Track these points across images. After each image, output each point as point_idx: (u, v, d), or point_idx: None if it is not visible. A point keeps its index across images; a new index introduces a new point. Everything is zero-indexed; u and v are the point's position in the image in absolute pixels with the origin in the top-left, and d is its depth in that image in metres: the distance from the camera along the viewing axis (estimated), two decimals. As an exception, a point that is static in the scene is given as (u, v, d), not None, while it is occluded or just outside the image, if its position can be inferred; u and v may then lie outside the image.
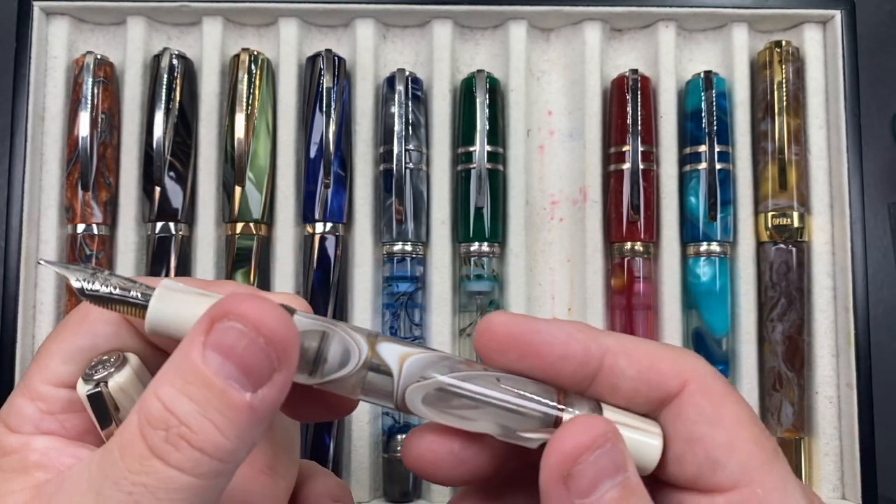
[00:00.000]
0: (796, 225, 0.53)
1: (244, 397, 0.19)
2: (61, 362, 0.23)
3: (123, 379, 0.22)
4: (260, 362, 0.19)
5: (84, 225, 0.51)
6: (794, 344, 0.52)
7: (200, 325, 0.19)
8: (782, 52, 0.54)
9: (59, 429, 0.23)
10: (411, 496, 0.52)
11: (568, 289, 0.55)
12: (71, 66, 0.54)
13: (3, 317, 0.50)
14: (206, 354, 0.19)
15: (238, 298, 0.19)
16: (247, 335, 0.19)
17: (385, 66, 0.56)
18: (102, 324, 0.23)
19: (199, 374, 0.19)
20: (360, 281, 0.52)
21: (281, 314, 0.19)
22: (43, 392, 0.23)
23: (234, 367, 0.19)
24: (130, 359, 0.23)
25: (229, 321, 0.19)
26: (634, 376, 0.23)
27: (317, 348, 0.21)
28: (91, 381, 0.22)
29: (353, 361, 0.22)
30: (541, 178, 0.56)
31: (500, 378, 0.23)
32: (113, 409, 0.22)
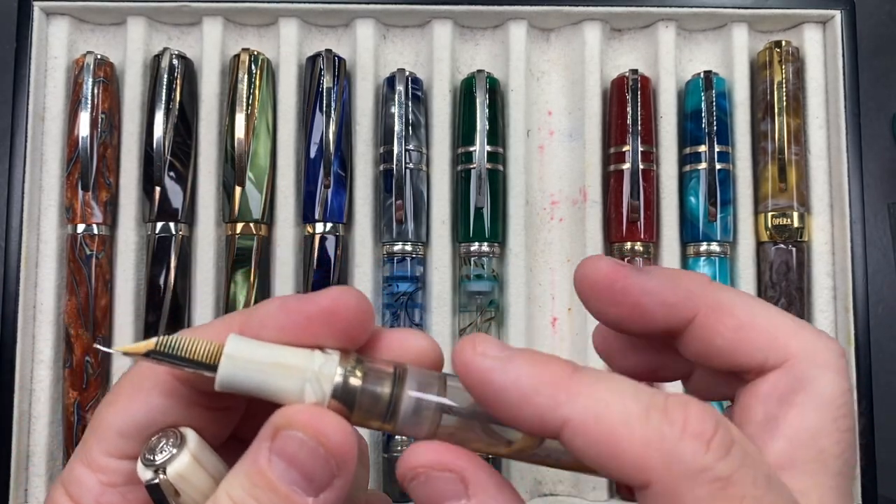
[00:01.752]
0: (796, 225, 0.53)
1: (306, 501, 0.20)
2: (118, 436, 0.23)
3: (182, 465, 0.22)
4: (320, 469, 0.20)
5: (84, 225, 0.51)
6: (794, 344, 0.52)
7: (266, 431, 0.21)
8: (782, 52, 0.54)
9: (119, 501, 0.23)
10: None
11: (568, 289, 0.55)
12: (71, 66, 0.54)
13: (3, 317, 0.50)
14: (272, 459, 0.20)
15: (299, 409, 0.21)
16: (307, 444, 0.20)
17: (385, 66, 0.56)
18: (157, 395, 0.23)
19: (265, 478, 0.20)
20: (360, 281, 0.52)
21: (341, 425, 0.21)
22: (103, 464, 0.23)
23: (297, 474, 0.20)
24: (188, 438, 0.23)
25: (292, 430, 0.20)
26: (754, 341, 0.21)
27: (385, 420, 0.22)
28: (151, 467, 0.22)
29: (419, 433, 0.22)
30: (541, 178, 0.56)
31: None
32: (172, 495, 0.22)
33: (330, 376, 0.21)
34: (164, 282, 0.51)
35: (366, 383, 0.21)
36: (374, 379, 0.21)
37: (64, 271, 0.52)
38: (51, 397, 0.51)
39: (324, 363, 0.21)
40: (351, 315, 0.22)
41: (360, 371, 0.21)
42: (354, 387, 0.21)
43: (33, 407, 0.51)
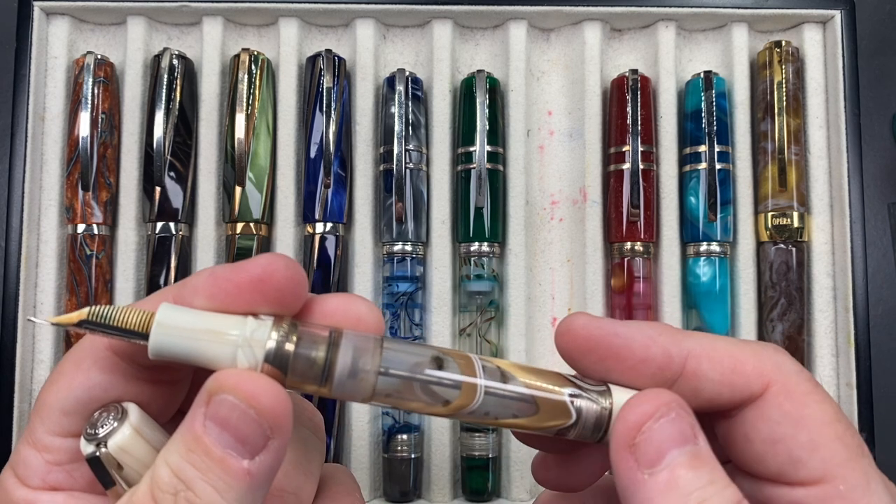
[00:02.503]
0: (796, 225, 0.53)
1: (242, 464, 0.20)
2: (62, 414, 0.23)
3: (123, 438, 0.22)
4: (254, 432, 0.20)
5: (84, 225, 0.51)
6: (794, 344, 0.52)
7: (201, 397, 0.21)
8: (782, 52, 0.54)
9: (66, 479, 0.23)
10: (411, 496, 0.52)
11: (568, 289, 0.55)
12: (71, 66, 0.54)
13: (3, 317, 0.50)
14: (206, 425, 0.21)
15: (230, 373, 0.21)
16: (239, 408, 0.20)
17: (385, 66, 0.56)
18: (97, 372, 0.23)
19: (200, 442, 0.21)
20: (360, 281, 0.52)
21: (272, 387, 0.21)
22: (48, 443, 0.23)
23: (230, 437, 0.20)
24: (130, 412, 0.23)
25: (224, 394, 0.20)
26: (717, 379, 0.23)
27: (320, 383, 0.22)
28: (92, 441, 0.22)
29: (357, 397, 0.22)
30: (541, 178, 0.56)
31: (504, 373, 0.23)
32: (115, 468, 0.22)
33: (262, 341, 0.21)
34: (164, 282, 0.51)
35: (299, 347, 0.21)
36: (308, 343, 0.22)
37: (64, 271, 0.52)
38: (51, 397, 0.51)
39: (256, 328, 0.21)
40: (281, 282, 0.22)
41: (294, 336, 0.22)
42: (287, 351, 0.21)
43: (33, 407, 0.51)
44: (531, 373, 0.23)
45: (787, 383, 0.23)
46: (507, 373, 0.23)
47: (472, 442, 0.52)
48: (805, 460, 0.22)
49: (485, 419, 0.23)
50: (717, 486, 0.21)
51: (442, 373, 0.22)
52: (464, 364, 0.23)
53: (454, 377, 0.22)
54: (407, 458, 0.51)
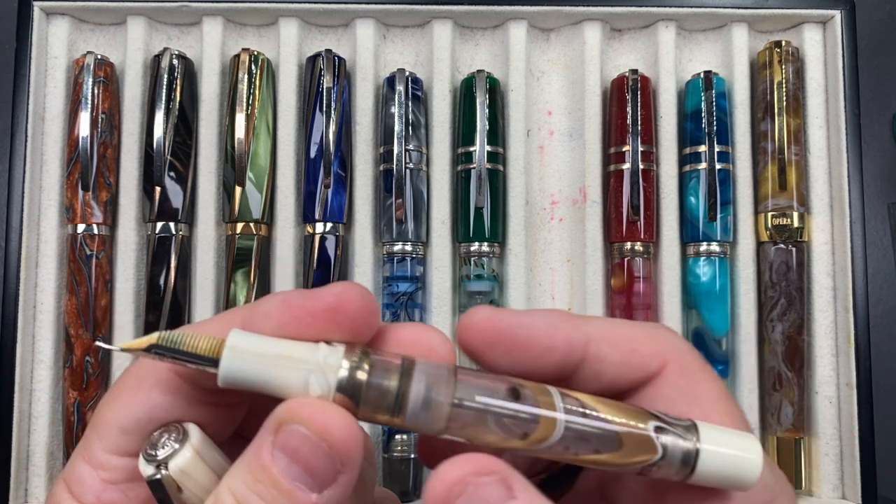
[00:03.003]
0: (796, 225, 0.53)
1: (310, 498, 0.20)
2: (120, 433, 0.23)
3: (184, 460, 0.22)
4: (324, 466, 0.20)
5: (84, 225, 0.51)
6: (794, 344, 0.52)
7: (269, 425, 0.20)
8: (782, 52, 0.54)
9: (121, 498, 0.23)
10: (411, 496, 0.52)
11: (568, 289, 0.55)
12: (71, 66, 0.54)
13: (3, 317, 0.50)
14: (275, 454, 0.20)
15: (304, 402, 0.20)
16: (311, 440, 0.20)
17: (385, 66, 0.56)
18: (159, 393, 0.23)
19: (267, 473, 0.20)
20: (360, 281, 0.52)
21: (345, 420, 0.20)
22: (104, 462, 0.23)
23: (300, 470, 0.20)
24: (191, 433, 0.22)
25: (295, 425, 0.20)
26: (617, 361, 0.23)
27: (392, 414, 0.21)
28: (153, 462, 0.22)
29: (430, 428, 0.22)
30: (541, 178, 0.56)
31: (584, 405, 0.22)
32: (175, 490, 0.22)
33: (335, 368, 0.21)
34: (164, 282, 0.51)
35: (372, 376, 0.21)
36: (381, 371, 0.21)
37: (64, 271, 0.52)
38: (51, 397, 0.51)
39: (328, 355, 0.21)
40: (355, 311, 0.22)
41: (366, 364, 0.21)
42: (360, 380, 0.21)
43: (33, 407, 0.51)
44: (613, 406, 0.22)
45: (682, 362, 0.24)
46: (588, 405, 0.22)
47: (472, 442, 0.52)
48: None
49: (565, 454, 0.22)
50: None
51: (519, 405, 0.21)
52: (542, 395, 0.22)
53: (532, 410, 0.21)
54: (406, 458, 0.51)
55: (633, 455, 0.22)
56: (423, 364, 0.22)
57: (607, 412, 0.22)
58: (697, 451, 0.22)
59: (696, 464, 0.22)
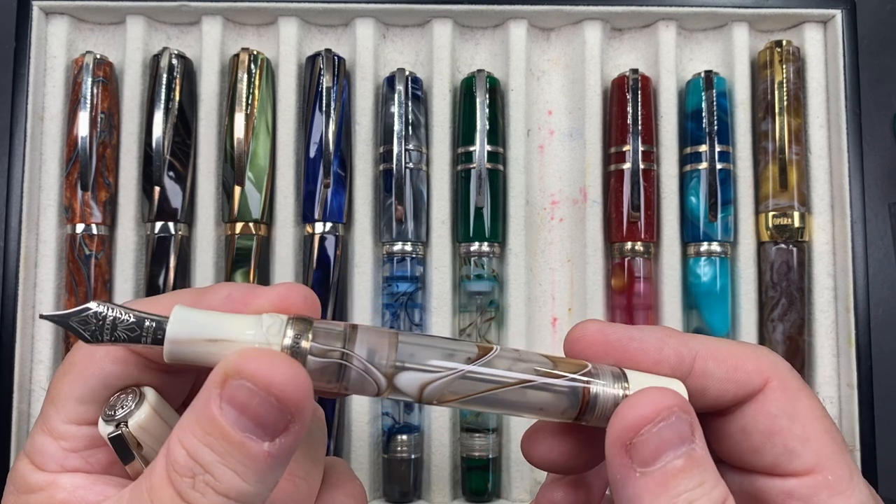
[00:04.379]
0: (797, 225, 0.53)
1: (262, 447, 0.20)
2: (78, 403, 0.23)
3: (143, 418, 0.22)
4: (274, 417, 0.20)
5: (83, 225, 0.51)
6: (795, 344, 0.52)
7: (215, 378, 0.20)
8: (783, 51, 0.54)
9: (83, 465, 0.23)
10: (411, 496, 0.51)
11: (568, 289, 0.55)
12: (70, 65, 0.54)
13: (3, 317, 0.50)
14: (223, 407, 0.20)
15: (248, 356, 0.20)
16: (258, 394, 0.20)
17: (385, 65, 0.56)
18: (110, 363, 0.23)
19: (217, 426, 0.20)
20: (360, 281, 0.52)
21: (292, 371, 0.20)
22: (64, 431, 0.23)
23: (249, 422, 0.20)
24: (147, 394, 0.23)
25: (240, 379, 0.20)
26: (722, 377, 0.25)
27: (335, 380, 0.22)
28: (112, 422, 0.22)
29: (371, 391, 0.22)
30: (541, 177, 0.56)
31: (520, 359, 0.23)
32: (135, 446, 0.22)
33: (278, 339, 0.21)
34: (163, 282, 0.51)
35: (316, 343, 0.21)
36: (324, 339, 0.21)
37: (63, 271, 0.52)
38: (50, 397, 0.51)
39: (271, 325, 0.21)
40: (297, 312, 0.22)
41: (309, 332, 0.21)
42: (304, 348, 0.21)
43: (32, 407, 0.51)
44: (549, 358, 0.24)
45: (783, 380, 0.25)
46: (525, 356, 0.23)
47: (472, 442, 0.51)
48: (799, 451, 0.24)
49: (499, 407, 0.23)
50: (706, 487, 0.22)
51: (454, 363, 0.22)
52: (482, 351, 0.23)
53: (466, 367, 0.22)
54: (407, 459, 0.51)
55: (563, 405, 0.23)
56: (365, 329, 0.22)
57: (541, 363, 0.23)
58: (626, 395, 0.23)
59: None
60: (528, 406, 0.23)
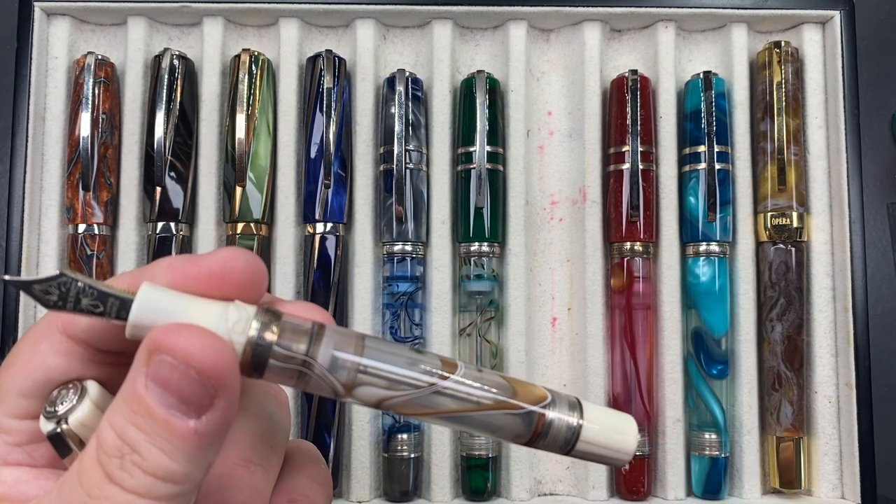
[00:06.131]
0: (795, 225, 0.53)
1: (188, 424, 0.20)
2: (20, 397, 0.23)
3: (84, 414, 0.22)
4: (197, 392, 0.20)
5: (85, 225, 0.51)
6: (794, 344, 0.52)
7: (141, 356, 0.20)
8: (781, 52, 0.54)
9: (26, 459, 0.23)
10: (411, 495, 0.52)
11: (568, 289, 0.55)
12: (72, 66, 0.54)
13: (4, 317, 0.50)
14: (148, 385, 0.20)
15: (167, 330, 0.20)
16: (178, 368, 0.19)
17: (385, 66, 0.56)
18: (53, 355, 0.23)
19: (142, 404, 0.20)
20: (360, 281, 0.52)
21: (211, 344, 0.20)
22: (6, 425, 0.23)
23: (173, 398, 0.20)
24: (89, 388, 0.23)
25: (162, 354, 0.20)
26: None
27: (294, 381, 0.22)
28: (52, 419, 0.22)
29: (329, 396, 0.22)
30: (541, 178, 0.56)
31: (482, 383, 0.23)
32: (76, 444, 0.22)
33: (243, 332, 0.21)
34: (164, 282, 0.51)
35: (281, 339, 0.21)
36: (290, 335, 0.21)
37: (65, 271, 0.52)
38: (51, 397, 0.51)
39: (238, 320, 0.21)
40: (240, 277, 0.22)
41: (275, 326, 0.21)
42: (269, 342, 0.21)
43: (34, 406, 0.51)
44: (510, 383, 0.23)
45: None
46: (487, 378, 0.23)
47: (472, 441, 0.52)
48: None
49: (455, 424, 0.23)
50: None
51: (416, 372, 0.22)
52: (446, 366, 0.23)
53: (428, 379, 0.22)
54: (407, 458, 0.51)
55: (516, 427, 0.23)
56: (332, 330, 0.22)
57: (502, 388, 0.23)
58: (580, 426, 0.23)
59: (577, 437, 0.23)
60: (485, 427, 0.23)
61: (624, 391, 0.53)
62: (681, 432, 0.52)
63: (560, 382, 0.55)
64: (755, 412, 0.52)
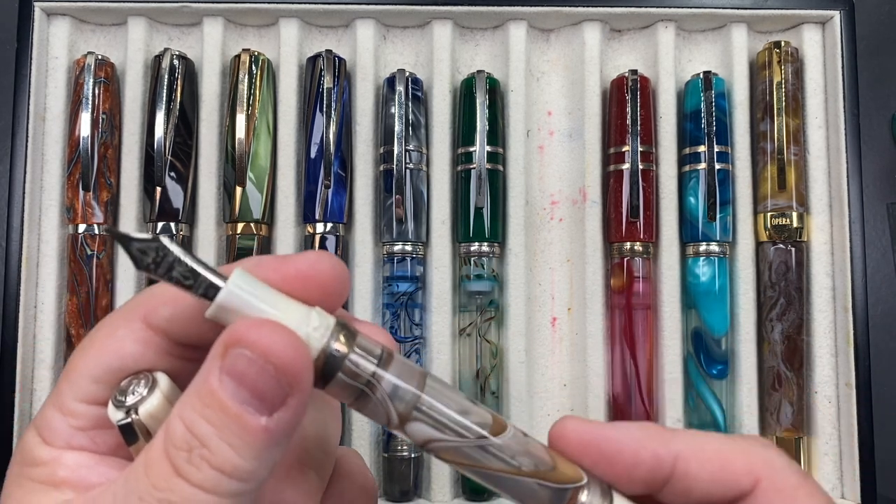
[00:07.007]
0: (795, 225, 0.53)
1: (259, 421, 0.20)
2: (91, 381, 0.23)
3: (153, 406, 0.22)
4: (272, 389, 0.20)
5: (85, 225, 0.51)
6: (794, 343, 0.52)
7: (217, 349, 0.20)
8: (781, 52, 0.54)
9: (89, 444, 0.23)
10: (411, 495, 0.52)
11: (567, 289, 0.55)
12: (72, 66, 0.54)
13: (4, 317, 0.50)
14: (222, 379, 0.20)
15: (249, 325, 0.20)
16: (256, 363, 0.19)
17: (385, 66, 0.56)
18: (130, 342, 0.23)
19: (215, 398, 0.20)
20: (360, 281, 0.52)
21: (290, 341, 0.20)
22: (74, 409, 0.23)
23: (247, 393, 0.20)
24: (160, 381, 0.23)
25: (240, 348, 0.20)
26: (707, 479, 0.23)
27: (352, 400, 0.22)
28: (122, 409, 0.22)
29: (381, 422, 0.22)
30: (541, 178, 0.56)
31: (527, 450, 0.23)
32: (144, 434, 0.22)
33: (321, 338, 0.21)
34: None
35: (353, 355, 0.21)
36: (362, 354, 0.21)
37: (65, 271, 0.52)
38: (52, 397, 0.51)
39: (318, 326, 0.21)
40: (325, 280, 0.22)
41: (350, 342, 0.21)
42: (340, 357, 0.21)
43: (34, 407, 0.51)
44: (551, 456, 0.23)
45: (776, 479, 0.23)
46: (532, 448, 0.23)
47: (472, 441, 0.52)
48: None
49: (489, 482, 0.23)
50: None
51: (468, 422, 0.22)
52: (496, 426, 0.23)
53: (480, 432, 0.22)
54: (407, 458, 0.51)
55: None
56: (399, 361, 0.22)
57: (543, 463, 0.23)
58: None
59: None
60: (516, 492, 0.23)
61: (624, 391, 0.53)
62: (681, 432, 0.52)
63: (560, 382, 0.55)
64: (755, 412, 0.52)
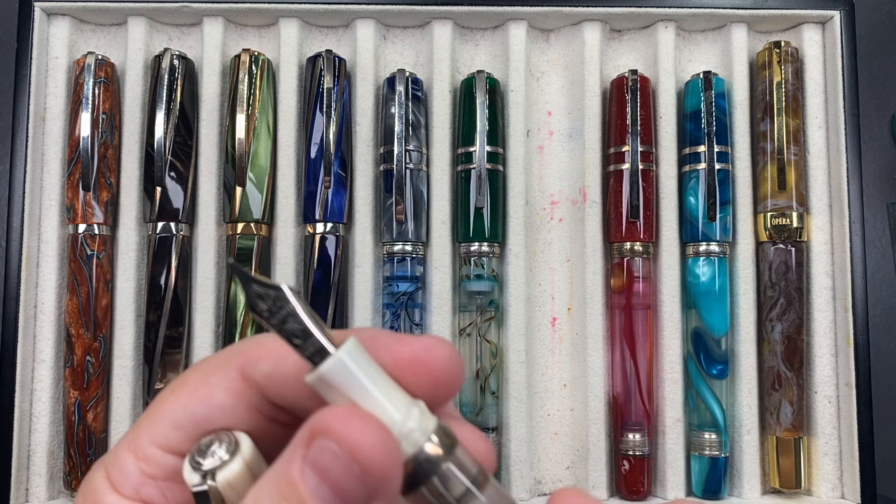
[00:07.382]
0: (795, 225, 0.53)
1: None
2: (172, 426, 0.21)
3: (233, 473, 0.21)
4: (355, 489, 0.18)
5: (85, 225, 0.51)
6: (794, 343, 0.52)
7: (302, 436, 0.19)
8: (781, 52, 0.54)
9: (158, 496, 0.22)
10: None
11: (567, 289, 0.55)
12: (72, 66, 0.54)
13: (4, 317, 0.50)
14: (305, 471, 0.18)
15: (339, 414, 0.18)
16: (342, 459, 0.18)
17: (385, 66, 0.56)
18: (222, 391, 0.21)
19: (294, 490, 0.18)
20: (360, 281, 0.52)
21: (382, 441, 0.18)
22: (149, 453, 0.22)
23: (328, 491, 0.18)
24: (242, 445, 0.21)
25: (327, 439, 0.18)
26: None
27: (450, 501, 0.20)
28: (199, 472, 0.21)
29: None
30: (540, 178, 0.56)
31: None
32: (218, 502, 0.21)
33: (416, 442, 0.19)
34: (164, 282, 0.51)
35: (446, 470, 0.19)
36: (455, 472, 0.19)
37: (65, 271, 0.52)
38: (51, 397, 0.51)
39: (419, 425, 0.19)
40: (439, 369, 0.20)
41: (446, 455, 0.20)
42: (435, 464, 0.19)
43: (34, 406, 0.51)
44: None
45: None
46: None
47: (471, 441, 0.52)
48: None
49: None
50: None
51: None
52: None
53: None
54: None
55: None
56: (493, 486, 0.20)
57: None
58: None
59: None
60: None
61: (624, 391, 0.53)
62: (681, 432, 0.52)
63: (560, 382, 0.55)
64: (755, 412, 0.52)
